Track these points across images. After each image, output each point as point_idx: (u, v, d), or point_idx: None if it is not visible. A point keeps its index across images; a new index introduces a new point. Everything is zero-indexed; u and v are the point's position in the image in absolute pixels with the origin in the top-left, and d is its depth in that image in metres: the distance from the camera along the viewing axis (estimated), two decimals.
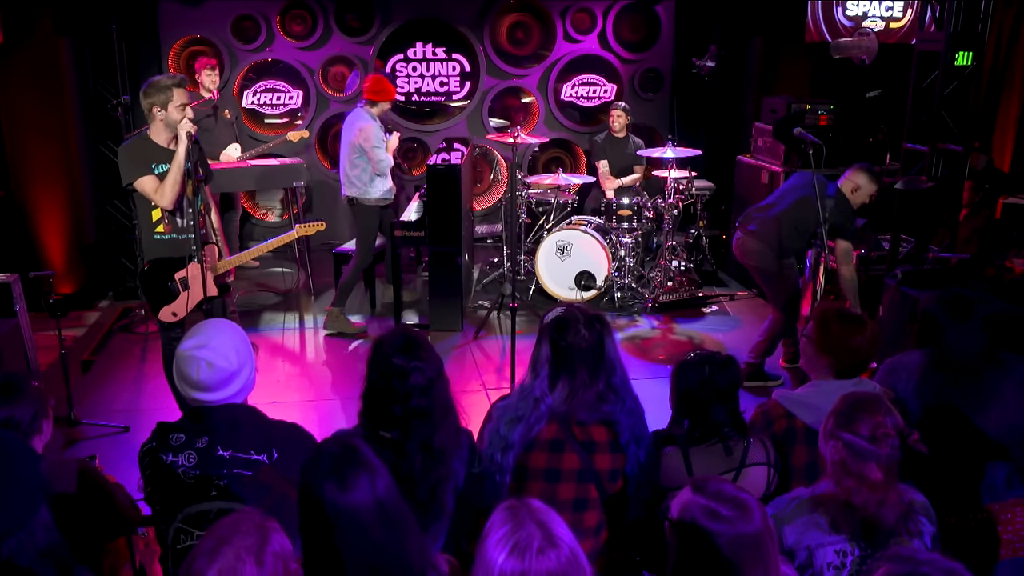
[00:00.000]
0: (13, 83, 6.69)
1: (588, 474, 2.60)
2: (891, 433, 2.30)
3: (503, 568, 1.70)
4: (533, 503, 1.83)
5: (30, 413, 2.51)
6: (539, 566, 1.70)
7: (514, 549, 1.71)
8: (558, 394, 2.59)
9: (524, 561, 1.70)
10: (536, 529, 1.74)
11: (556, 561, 1.71)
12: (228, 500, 2.34)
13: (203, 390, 2.42)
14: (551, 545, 1.72)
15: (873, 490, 2.27)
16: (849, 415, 2.34)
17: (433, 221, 6.43)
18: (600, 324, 2.62)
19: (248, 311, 7.03)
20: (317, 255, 7.90)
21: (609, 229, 7.19)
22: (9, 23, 6.44)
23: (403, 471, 2.40)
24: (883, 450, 2.28)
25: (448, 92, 8.90)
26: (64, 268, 7.06)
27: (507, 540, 1.73)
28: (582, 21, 8.86)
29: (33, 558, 1.86)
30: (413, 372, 2.41)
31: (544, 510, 1.82)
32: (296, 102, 8.66)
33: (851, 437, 2.29)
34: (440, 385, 2.47)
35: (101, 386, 5.61)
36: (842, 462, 2.31)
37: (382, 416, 2.44)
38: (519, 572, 1.70)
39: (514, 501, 1.83)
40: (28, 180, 6.91)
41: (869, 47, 6.98)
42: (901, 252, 6.01)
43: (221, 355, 2.40)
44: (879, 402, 2.37)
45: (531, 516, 1.78)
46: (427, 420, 2.43)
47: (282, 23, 8.41)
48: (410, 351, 2.44)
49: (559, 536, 1.76)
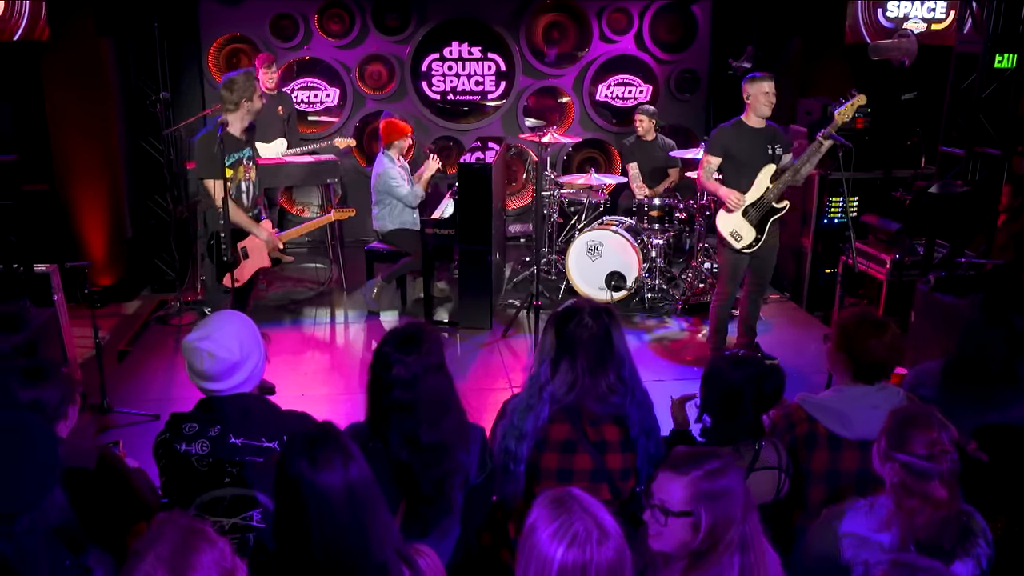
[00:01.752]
0: (58, 81, 6.86)
1: (600, 474, 2.61)
2: (948, 448, 2.23)
3: (564, 560, 1.72)
4: (577, 493, 1.84)
5: (57, 397, 2.58)
6: (600, 557, 1.72)
7: (574, 540, 1.73)
8: (559, 380, 2.60)
9: (586, 552, 1.72)
10: (591, 520, 1.76)
11: (615, 551, 1.74)
12: (241, 486, 2.39)
13: (208, 380, 2.47)
14: (607, 535, 1.75)
15: (938, 508, 2.21)
16: (901, 433, 2.28)
17: (464, 219, 6.46)
18: (608, 316, 2.63)
19: (281, 305, 7.14)
20: (350, 251, 7.99)
21: (640, 230, 7.17)
22: (54, 22, 6.60)
23: (393, 463, 2.42)
24: (943, 466, 2.21)
25: (483, 91, 8.94)
26: (104, 261, 7.22)
27: (563, 533, 1.74)
28: (618, 21, 8.85)
29: (46, 535, 1.92)
30: (396, 364, 2.40)
31: (589, 500, 1.83)
32: (333, 100, 8.76)
33: (907, 458, 2.23)
34: (431, 381, 2.43)
35: (135, 375, 5.74)
36: (902, 484, 2.25)
37: (375, 406, 2.47)
38: (580, 564, 1.71)
39: (558, 492, 1.84)
40: (71, 175, 7.08)
41: (908, 49, 6.87)
42: (936, 258, 5.90)
43: (223, 346, 2.45)
44: (930, 416, 2.30)
45: (582, 507, 1.79)
46: (410, 414, 2.41)
47: (320, 22, 8.53)
48: (402, 344, 2.43)
49: (608, 526, 1.78)
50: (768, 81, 5.44)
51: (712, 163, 5.64)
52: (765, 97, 5.40)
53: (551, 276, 7.59)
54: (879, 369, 2.88)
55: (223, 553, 1.73)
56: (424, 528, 2.45)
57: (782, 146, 5.54)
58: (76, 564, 1.97)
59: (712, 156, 5.62)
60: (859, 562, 2.24)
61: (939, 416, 2.30)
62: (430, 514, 2.44)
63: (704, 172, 5.72)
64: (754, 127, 5.51)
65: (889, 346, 2.87)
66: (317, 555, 1.91)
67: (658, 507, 2.01)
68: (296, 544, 1.92)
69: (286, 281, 7.78)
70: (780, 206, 5.58)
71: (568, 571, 1.70)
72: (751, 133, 5.50)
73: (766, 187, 5.51)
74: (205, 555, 1.68)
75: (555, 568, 1.71)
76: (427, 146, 7.91)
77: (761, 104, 5.41)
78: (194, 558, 1.66)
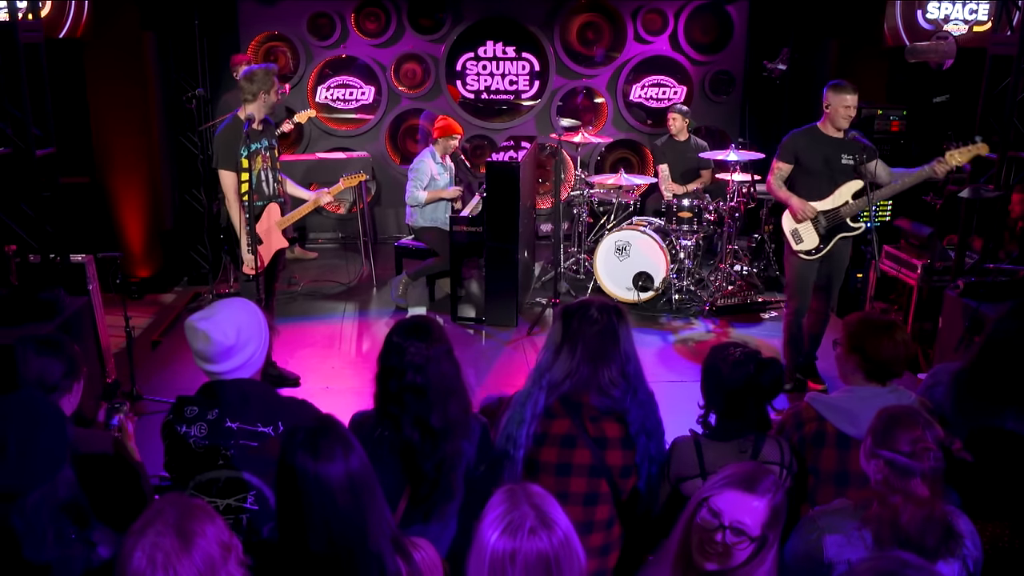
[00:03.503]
0: (100, 76, 7.06)
1: (600, 470, 2.63)
2: (931, 446, 2.25)
3: (495, 547, 1.75)
4: (532, 487, 1.87)
5: (61, 371, 2.68)
6: (529, 546, 1.74)
7: (507, 528, 1.76)
8: (557, 368, 2.65)
9: (515, 540, 1.74)
10: (530, 510, 1.78)
11: (548, 543, 1.75)
12: (234, 469, 2.46)
13: (206, 361, 2.55)
14: (544, 527, 1.76)
15: (920, 506, 2.22)
16: (886, 431, 2.30)
17: (491, 217, 6.50)
18: (615, 313, 2.67)
19: (311, 299, 7.25)
20: (381, 248, 8.09)
21: (669, 231, 7.15)
22: (98, 19, 6.78)
23: (401, 444, 2.50)
24: (926, 464, 2.23)
25: (517, 91, 8.98)
26: (142, 253, 7.41)
27: (501, 520, 1.77)
28: (653, 22, 8.84)
29: (53, 509, 2.00)
30: (409, 350, 2.51)
31: (542, 494, 1.85)
32: (368, 98, 8.87)
33: (891, 454, 2.25)
34: (441, 367, 2.53)
35: (166, 365, 5.88)
36: (886, 480, 2.27)
37: (384, 392, 2.54)
38: (510, 551, 1.74)
39: (514, 484, 1.88)
40: (112, 168, 7.27)
41: (947, 51, 6.77)
42: (968, 263, 5.80)
43: (221, 330, 2.52)
44: (916, 415, 2.32)
45: (528, 498, 1.82)
46: (422, 397, 2.51)
47: (356, 21, 8.65)
48: (412, 332, 2.55)
49: (554, 519, 1.79)
50: (851, 95, 5.13)
51: (783, 170, 5.36)
52: (845, 110, 5.12)
53: (579, 276, 7.61)
54: (891, 368, 2.86)
55: (222, 527, 1.80)
56: (427, 512, 2.51)
57: (861, 156, 5.13)
58: (81, 538, 2.05)
59: (783, 163, 5.35)
60: (842, 560, 2.24)
61: (925, 416, 2.31)
62: (432, 498, 2.50)
63: (774, 179, 5.41)
64: (830, 136, 5.20)
65: (901, 345, 2.85)
66: (316, 545, 1.96)
67: (733, 530, 2.00)
68: (296, 533, 1.97)
69: (316, 276, 7.90)
70: (854, 225, 5.26)
71: (498, 557, 1.73)
72: (825, 142, 5.21)
73: (845, 200, 5.20)
74: (208, 526, 1.76)
75: (487, 553, 1.74)
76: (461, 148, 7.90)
77: (840, 116, 5.13)
78: (198, 526, 1.74)
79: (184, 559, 1.68)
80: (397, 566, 2.03)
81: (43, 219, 5.09)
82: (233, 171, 4.95)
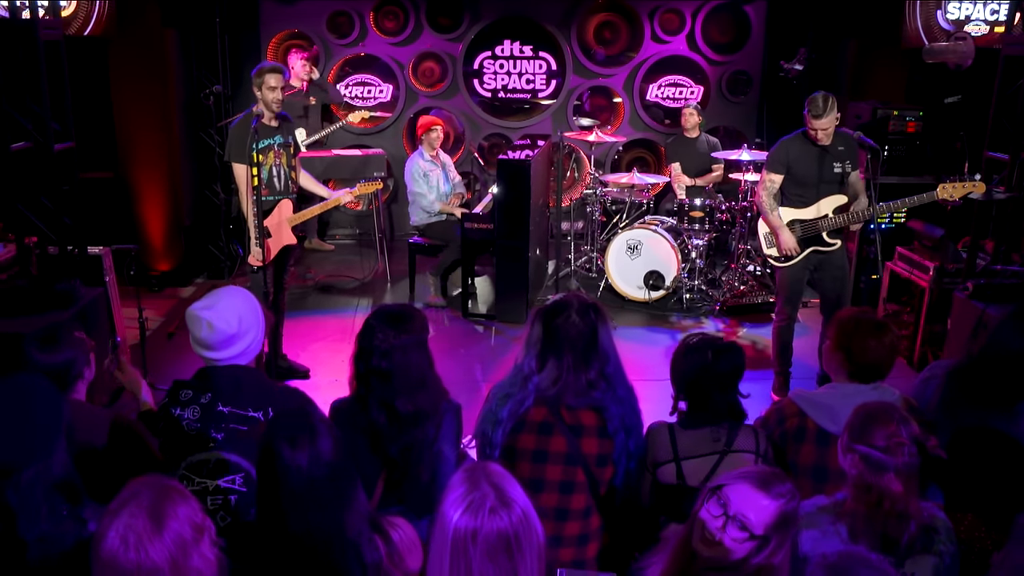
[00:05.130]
0: (123, 72, 7.20)
1: (575, 457, 2.68)
2: (905, 442, 2.27)
3: (457, 525, 1.80)
4: (491, 466, 1.93)
5: (72, 359, 2.80)
6: (490, 525, 1.80)
7: (468, 508, 1.81)
8: (545, 375, 2.69)
9: (476, 519, 1.80)
10: (491, 490, 1.84)
11: (508, 521, 1.81)
12: (224, 451, 2.55)
13: (206, 348, 2.64)
14: (503, 505, 1.82)
15: (894, 502, 2.25)
16: (862, 427, 2.33)
17: (502, 214, 6.56)
18: (595, 313, 2.70)
19: (326, 293, 7.36)
20: (398, 245, 8.19)
21: (681, 230, 7.17)
22: (121, 17, 6.92)
23: (369, 425, 2.61)
24: (900, 459, 2.26)
25: (534, 90, 9.03)
26: (163, 247, 7.54)
27: (463, 500, 1.83)
28: (670, 21, 8.84)
29: (47, 486, 2.09)
30: (376, 335, 2.60)
31: (500, 473, 1.91)
32: (386, 95, 8.97)
33: (866, 449, 2.28)
34: (408, 356, 2.62)
35: (180, 355, 5.99)
36: (860, 475, 2.30)
37: (355, 372, 2.63)
38: (471, 529, 1.80)
39: (473, 464, 1.94)
40: (134, 163, 7.41)
41: (965, 52, 6.72)
42: (979, 265, 5.77)
43: (223, 318, 2.62)
44: (892, 411, 2.35)
45: (487, 478, 1.87)
46: (386, 382, 2.59)
47: (375, 19, 8.75)
48: (386, 319, 2.62)
49: (512, 497, 1.85)
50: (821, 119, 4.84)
51: (775, 182, 5.10)
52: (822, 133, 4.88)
53: (591, 274, 7.64)
54: (876, 369, 2.89)
55: (195, 509, 1.86)
56: (400, 497, 2.58)
57: (852, 164, 5.03)
58: (72, 514, 2.14)
59: (773, 174, 5.07)
60: (817, 555, 2.27)
61: (901, 412, 2.34)
62: (403, 484, 2.57)
63: (766, 195, 5.12)
64: (821, 143, 4.96)
65: (887, 347, 2.87)
66: (295, 526, 2.02)
67: (736, 521, 2.02)
68: (275, 514, 2.05)
69: (332, 271, 8.00)
70: (830, 241, 5.08)
71: (460, 536, 1.78)
72: (818, 150, 4.99)
73: (825, 214, 5.04)
74: (181, 507, 1.82)
75: (450, 532, 1.79)
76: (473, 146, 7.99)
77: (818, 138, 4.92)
78: (171, 508, 1.80)
79: (156, 540, 1.74)
80: (375, 545, 2.10)
81: (62, 212, 5.21)
82: (244, 164, 5.03)
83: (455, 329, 6.63)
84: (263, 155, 5.12)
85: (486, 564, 1.77)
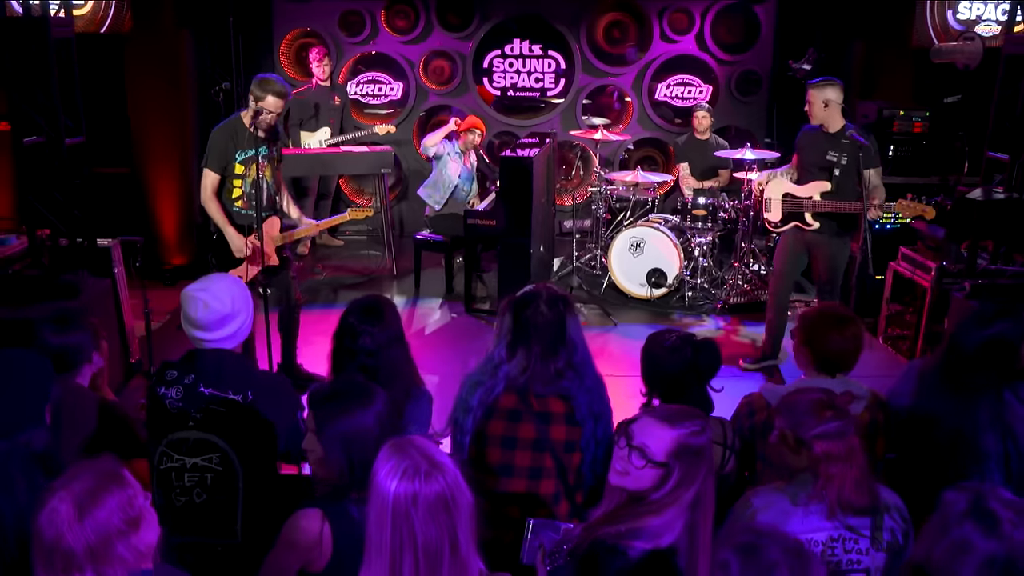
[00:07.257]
0: (139, 70, 7.35)
1: (543, 443, 2.75)
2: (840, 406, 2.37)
3: (397, 492, 1.89)
4: (415, 439, 2.03)
5: (81, 342, 2.92)
6: (428, 489, 1.89)
7: (404, 474, 1.90)
8: (515, 364, 2.76)
9: (414, 484, 1.89)
10: (422, 458, 1.94)
11: (443, 482, 1.91)
12: (203, 431, 2.65)
13: (200, 328, 2.75)
14: (436, 469, 1.92)
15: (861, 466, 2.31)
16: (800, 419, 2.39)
17: (504, 211, 6.62)
18: (563, 304, 2.77)
19: (333, 288, 7.48)
20: (408, 241, 8.27)
21: (684, 228, 7.21)
22: (137, 14, 7.07)
23: None
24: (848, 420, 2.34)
25: (543, 88, 9.10)
26: (176, 242, 7.70)
27: (397, 469, 1.92)
28: (679, 21, 8.87)
29: (26, 460, 2.19)
30: (362, 335, 2.70)
31: (425, 443, 2.02)
32: (396, 93, 9.08)
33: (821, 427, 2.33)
34: (392, 351, 2.71)
35: (186, 348, 6.11)
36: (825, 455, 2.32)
37: (337, 369, 2.71)
38: (411, 494, 1.89)
39: (397, 439, 2.03)
40: (148, 160, 7.56)
41: (973, 52, 6.70)
42: (980, 266, 5.77)
43: (218, 298, 2.73)
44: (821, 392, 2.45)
45: (415, 448, 1.97)
46: (372, 378, 2.66)
47: (386, 18, 8.86)
48: (366, 315, 2.70)
49: (442, 462, 1.95)
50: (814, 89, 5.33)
51: (792, 163, 5.67)
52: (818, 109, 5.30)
53: (595, 271, 7.70)
54: (839, 362, 2.94)
55: (131, 500, 1.90)
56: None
57: (846, 156, 5.25)
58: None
59: (794, 155, 5.65)
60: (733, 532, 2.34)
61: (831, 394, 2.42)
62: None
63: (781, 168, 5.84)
64: (827, 131, 5.33)
65: (850, 340, 2.93)
66: None
67: (637, 450, 2.15)
68: None
69: (340, 266, 8.12)
70: (810, 222, 5.40)
71: (400, 502, 1.87)
72: (822, 137, 5.35)
73: (810, 195, 5.37)
74: (112, 497, 1.86)
75: (390, 500, 1.88)
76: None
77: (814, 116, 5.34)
78: (100, 497, 1.85)
79: (75, 526, 1.80)
80: None
81: (73, 205, 5.35)
82: (217, 174, 4.88)
83: (458, 323, 6.72)
84: (245, 166, 4.91)
85: (428, 524, 1.87)
